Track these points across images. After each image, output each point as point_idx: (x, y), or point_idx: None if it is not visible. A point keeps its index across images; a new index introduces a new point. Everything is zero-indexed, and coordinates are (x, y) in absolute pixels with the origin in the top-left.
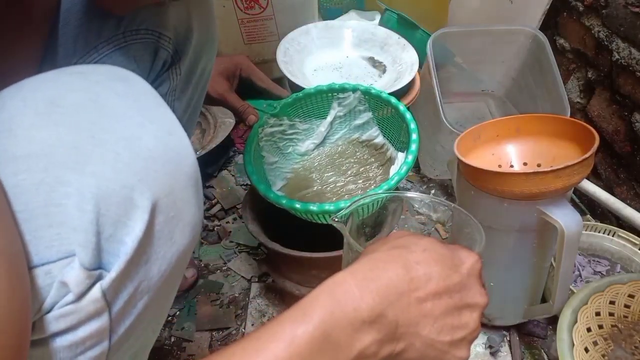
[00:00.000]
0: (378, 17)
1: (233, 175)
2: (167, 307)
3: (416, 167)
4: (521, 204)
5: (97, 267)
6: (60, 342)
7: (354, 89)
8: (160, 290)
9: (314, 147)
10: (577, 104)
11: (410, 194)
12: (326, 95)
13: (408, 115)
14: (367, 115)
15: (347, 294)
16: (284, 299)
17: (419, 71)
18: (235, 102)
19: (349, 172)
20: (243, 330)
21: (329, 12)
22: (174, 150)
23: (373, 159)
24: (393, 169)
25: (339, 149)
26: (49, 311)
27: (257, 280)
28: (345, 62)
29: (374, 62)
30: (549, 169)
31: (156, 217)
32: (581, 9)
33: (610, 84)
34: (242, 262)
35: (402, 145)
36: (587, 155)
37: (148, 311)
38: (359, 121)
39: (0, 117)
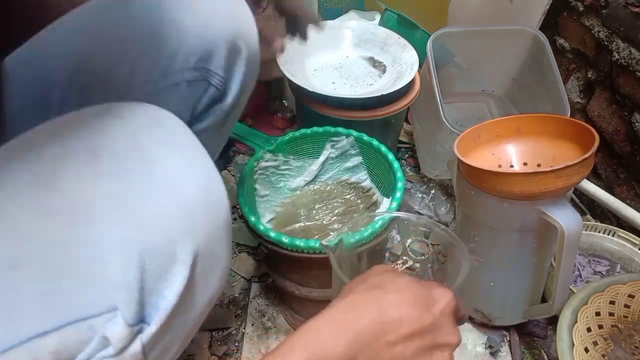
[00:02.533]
0: (378, 17)
1: (233, 175)
2: (191, 338)
3: (416, 167)
4: (521, 204)
5: (138, 322)
6: None
7: (348, 134)
8: (193, 331)
9: (304, 184)
10: (577, 104)
11: (407, 216)
12: (321, 137)
13: (396, 165)
14: (357, 160)
15: (320, 341)
16: (284, 299)
17: (419, 71)
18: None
19: (336, 212)
20: (243, 330)
21: (329, 12)
22: (213, 197)
23: (359, 201)
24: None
25: (328, 187)
26: None
27: (257, 280)
28: (345, 62)
29: (374, 62)
30: (549, 169)
31: (196, 269)
32: (581, 9)
33: (610, 84)
34: (242, 262)
35: (388, 191)
36: (587, 155)
37: (178, 352)
38: (349, 164)
39: (42, 169)
